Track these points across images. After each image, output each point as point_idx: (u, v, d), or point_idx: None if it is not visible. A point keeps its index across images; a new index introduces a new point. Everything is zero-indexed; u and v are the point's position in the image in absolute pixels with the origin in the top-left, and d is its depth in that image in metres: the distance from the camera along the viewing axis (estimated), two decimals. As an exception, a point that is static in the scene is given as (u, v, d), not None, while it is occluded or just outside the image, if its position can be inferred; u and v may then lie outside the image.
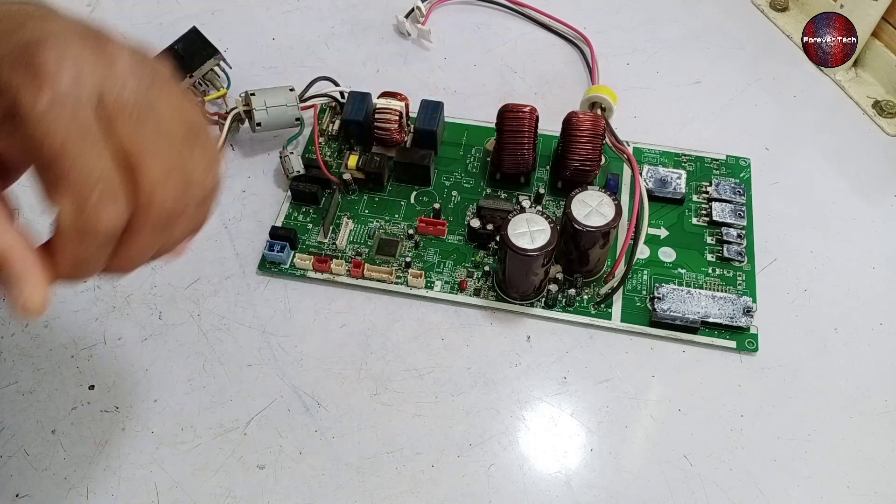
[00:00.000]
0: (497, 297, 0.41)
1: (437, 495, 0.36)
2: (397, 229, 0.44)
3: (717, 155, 0.47)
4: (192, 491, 0.36)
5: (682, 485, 0.36)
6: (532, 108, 0.43)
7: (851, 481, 0.36)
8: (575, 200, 0.39)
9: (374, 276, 0.42)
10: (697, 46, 0.55)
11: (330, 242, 0.44)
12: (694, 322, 0.39)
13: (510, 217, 0.38)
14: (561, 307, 0.41)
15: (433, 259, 0.43)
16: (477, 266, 0.43)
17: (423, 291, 0.42)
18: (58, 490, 0.36)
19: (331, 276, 0.42)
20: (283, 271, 0.43)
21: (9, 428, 0.38)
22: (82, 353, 0.40)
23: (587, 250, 0.39)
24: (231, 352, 0.40)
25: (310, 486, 0.36)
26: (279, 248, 0.42)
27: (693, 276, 0.42)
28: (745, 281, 0.42)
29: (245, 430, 0.38)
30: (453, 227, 0.44)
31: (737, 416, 0.38)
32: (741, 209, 0.44)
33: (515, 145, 0.43)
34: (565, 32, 0.55)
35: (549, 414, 0.38)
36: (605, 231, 0.38)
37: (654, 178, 0.45)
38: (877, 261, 0.43)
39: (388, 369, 0.39)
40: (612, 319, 0.40)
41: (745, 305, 0.39)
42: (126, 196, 0.22)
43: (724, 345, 0.39)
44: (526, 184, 0.46)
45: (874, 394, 0.38)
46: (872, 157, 0.48)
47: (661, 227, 0.44)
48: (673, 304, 0.39)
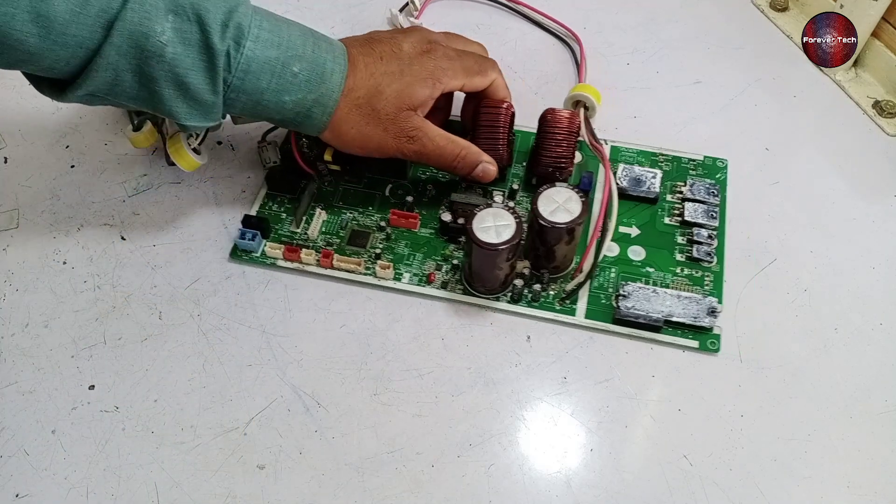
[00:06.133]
0: (464, 291, 0.42)
1: (437, 495, 0.36)
2: (370, 221, 0.45)
3: (694, 155, 0.47)
4: (192, 491, 0.36)
5: (682, 485, 0.36)
6: (508, 104, 0.43)
7: (851, 481, 0.36)
8: (542, 196, 0.39)
9: (342, 267, 0.42)
10: (697, 46, 0.55)
11: (302, 232, 0.44)
12: (657, 321, 0.39)
13: (476, 211, 0.39)
14: (526, 302, 0.41)
15: (403, 251, 0.43)
16: (446, 259, 0.43)
17: (392, 283, 0.42)
18: (58, 490, 0.36)
19: (300, 265, 0.43)
20: (254, 259, 0.43)
21: (9, 428, 0.38)
22: (82, 353, 0.40)
23: (553, 246, 0.40)
24: (231, 352, 0.40)
25: (310, 486, 0.36)
26: (250, 236, 0.43)
27: (661, 275, 0.42)
28: (712, 282, 0.42)
29: (245, 430, 0.38)
30: (426, 221, 0.45)
31: (737, 416, 0.38)
32: (714, 210, 0.44)
33: (490, 140, 0.43)
34: (557, 31, 0.55)
35: (549, 414, 0.38)
36: (570, 228, 0.38)
37: (629, 176, 0.45)
38: (877, 261, 0.43)
39: (388, 369, 0.39)
40: (577, 316, 0.41)
41: (710, 306, 0.39)
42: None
43: (686, 344, 0.39)
44: (501, 179, 0.46)
45: (874, 394, 0.38)
46: (872, 157, 0.48)
47: (632, 225, 0.44)
48: (637, 303, 0.39)
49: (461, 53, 0.42)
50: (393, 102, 0.39)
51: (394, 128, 0.40)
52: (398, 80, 0.39)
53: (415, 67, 0.40)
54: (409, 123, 0.40)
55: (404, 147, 0.40)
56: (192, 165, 0.43)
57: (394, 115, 0.39)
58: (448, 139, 0.41)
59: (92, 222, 0.46)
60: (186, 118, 0.36)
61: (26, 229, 0.45)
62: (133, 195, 0.47)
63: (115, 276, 0.43)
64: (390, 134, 0.40)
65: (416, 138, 0.40)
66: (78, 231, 0.45)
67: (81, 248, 0.44)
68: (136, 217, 0.46)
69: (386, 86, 0.39)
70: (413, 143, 0.40)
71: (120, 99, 0.36)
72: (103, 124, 0.50)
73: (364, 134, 0.40)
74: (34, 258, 0.44)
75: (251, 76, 0.36)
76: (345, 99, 0.39)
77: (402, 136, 0.40)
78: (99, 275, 0.43)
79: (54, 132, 0.50)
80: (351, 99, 0.39)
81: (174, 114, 0.36)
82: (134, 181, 0.47)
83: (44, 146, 0.50)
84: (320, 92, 0.38)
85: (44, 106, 0.52)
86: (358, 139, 0.40)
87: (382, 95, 0.39)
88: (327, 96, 0.38)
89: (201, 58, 0.35)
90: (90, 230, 0.45)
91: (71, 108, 0.52)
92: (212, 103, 0.36)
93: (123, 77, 0.34)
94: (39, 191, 0.47)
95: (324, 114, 0.39)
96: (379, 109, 0.39)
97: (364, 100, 0.39)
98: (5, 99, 0.52)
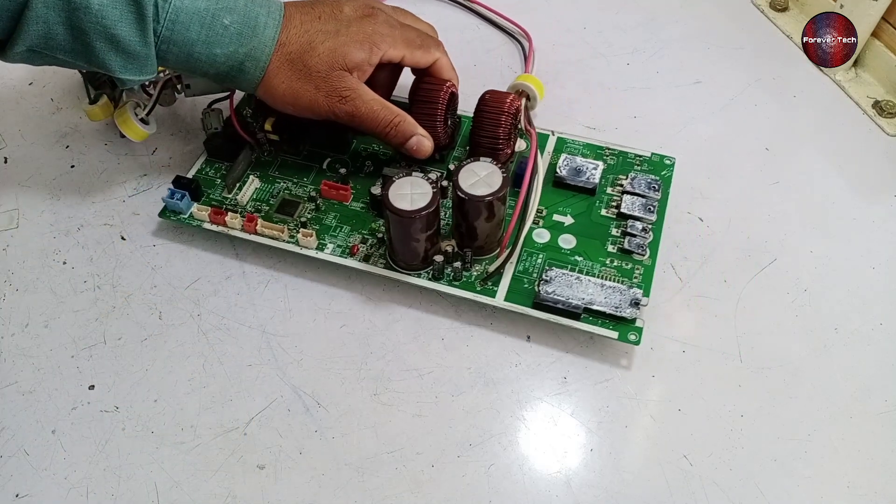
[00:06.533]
0: (386, 266, 0.41)
1: (437, 495, 0.36)
2: (302, 192, 0.45)
3: (641, 152, 0.46)
4: (192, 491, 0.36)
5: (682, 485, 0.36)
6: (450, 83, 0.43)
7: (851, 481, 0.36)
8: (464, 169, 0.39)
9: (266, 233, 0.43)
10: (697, 46, 0.55)
11: (233, 197, 0.45)
12: (576, 307, 0.39)
13: (395, 178, 0.39)
14: (447, 281, 0.41)
15: (331, 223, 0.44)
16: (373, 234, 0.43)
17: (314, 252, 0.42)
18: (58, 490, 0.36)
19: (225, 228, 0.43)
20: (182, 221, 0.44)
21: (9, 428, 0.38)
22: (82, 353, 0.40)
23: (473, 222, 0.39)
24: (231, 352, 0.40)
25: (310, 486, 0.36)
26: (179, 196, 0.43)
27: (589, 264, 0.41)
28: (641, 275, 0.41)
29: (245, 430, 0.38)
30: (360, 195, 0.45)
31: (737, 416, 0.38)
32: (653, 204, 0.43)
33: (428, 116, 0.43)
34: (510, 29, 0.56)
35: (549, 414, 0.38)
36: (488, 202, 0.38)
37: (570, 166, 0.45)
38: (877, 261, 0.43)
39: (388, 369, 0.39)
40: (497, 298, 0.40)
41: (634, 297, 0.39)
42: None
43: (605, 334, 0.39)
44: (441, 160, 0.46)
45: (874, 394, 0.38)
46: (872, 156, 0.48)
47: (567, 214, 0.44)
48: (558, 288, 0.39)
49: (405, 26, 0.43)
50: (325, 60, 0.39)
51: (326, 86, 0.40)
52: (333, 39, 0.40)
53: (352, 29, 0.40)
54: (343, 83, 0.40)
55: (336, 107, 0.40)
56: (139, 135, 0.44)
57: (326, 73, 0.39)
58: (383, 105, 0.41)
59: (92, 222, 0.46)
60: (121, 71, 0.37)
61: (26, 229, 0.45)
62: (133, 195, 0.47)
63: (116, 276, 0.43)
64: (322, 92, 0.40)
65: (349, 99, 0.40)
66: (78, 231, 0.45)
67: (81, 248, 0.44)
68: (136, 217, 0.46)
69: (319, 43, 0.39)
70: (345, 103, 0.40)
71: (58, 54, 0.36)
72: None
73: (295, 90, 0.40)
74: (34, 258, 0.44)
75: (180, 26, 0.36)
76: (277, 53, 0.39)
77: (335, 95, 0.40)
78: (99, 275, 0.43)
79: (54, 132, 0.50)
80: (283, 53, 0.39)
81: (108, 67, 0.36)
82: (134, 181, 0.48)
83: (44, 146, 0.50)
84: (252, 45, 0.38)
85: (44, 106, 0.52)
86: (289, 95, 0.40)
87: (315, 52, 0.39)
88: (259, 50, 0.39)
89: (129, 8, 0.35)
90: (90, 230, 0.45)
91: (71, 109, 0.52)
92: (144, 55, 0.37)
93: (55, 30, 0.35)
94: (39, 191, 0.47)
95: (256, 68, 0.39)
96: (311, 66, 0.39)
97: (296, 55, 0.39)
98: (5, 99, 0.53)
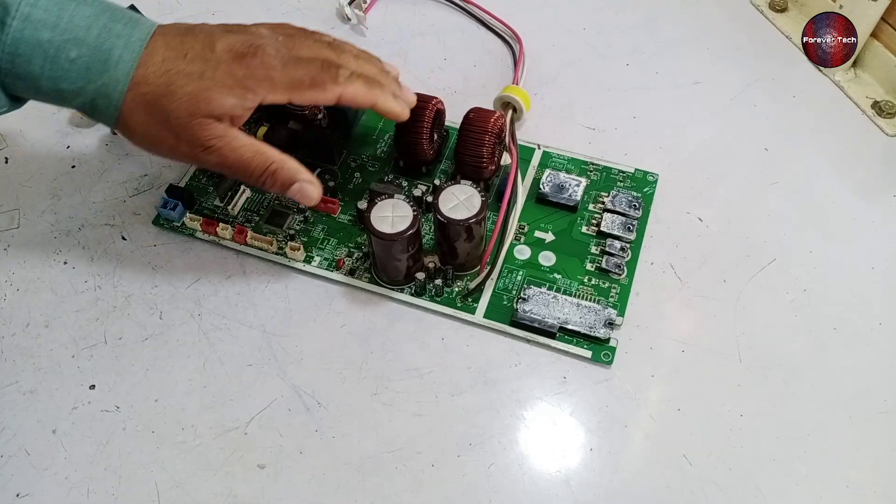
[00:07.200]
0: (370, 280, 0.42)
1: (437, 495, 0.36)
2: (292, 202, 0.45)
3: (626, 167, 0.47)
4: (192, 491, 0.36)
5: (681, 485, 0.36)
6: (437, 99, 0.43)
7: (851, 481, 0.36)
8: (445, 192, 0.40)
9: (255, 244, 0.43)
10: (697, 46, 0.55)
11: (224, 207, 0.45)
12: (552, 326, 0.39)
13: (378, 201, 0.39)
14: (429, 296, 0.41)
15: (319, 235, 0.44)
16: (359, 247, 0.43)
17: (301, 265, 0.43)
18: (58, 490, 0.36)
19: (217, 238, 0.44)
20: (175, 229, 0.44)
21: (9, 428, 0.38)
22: (83, 352, 0.40)
23: (454, 243, 0.40)
24: (231, 351, 0.40)
25: (310, 485, 0.36)
26: (172, 205, 0.44)
27: (567, 282, 0.42)
28: (618, 294, 0.41)
29: (246, 429, 0.38)
30: (347, 208, 0.45)
31: (736, 415, 0.38)
32: (632, 223, 0.43)
33: (412, 135, 0.43)
34: (503, 32, 0.55)
35: (548, 414, 0.38)
36: (467, 226, 0.39)
37: (553, 182, 0.45)
38: (876, 261, 0.43)
39: (388, 369, 0.40)
40: (476, 315, 0.41)
41: (609, 317, 0.39)
42: None
43: (580, 353, 0.39)
44: (427, 174, 0.46)
45: (874, 394, 0.38)
46: (872, 157, 0.48)
47: (548, 231, 0.44)
48: (535, 307, 0.40)
49: (297, 62, 0.37)
50: (185, 106, 0.35)
51: (187, 134, 0.36)
52: (195, 83, 0.35)
53: (219, 72, 0.35)
54: (205, 132, 0.36)
55: (200, 157, 0.36)
56: None
57: (185, 122, 0.35)
58: (256, 151, 0.37)
59: (92, 222, 0.46)
60: None
61: (27, 229, 0.45)
62: (134, 195, 0.47)
63: (116, 276, 0.43)
64: (183, 141, 0.36)
65: (214, 148, 0.36)
66: (79, 231, 0.45)
67: (82, 248, 0.45)
68: (137, 217, 0.46)
69: (179, 87, 0.35)
70: (210, 153, 0.36)
71: None
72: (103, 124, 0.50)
73: (153, 135, 0.36)
74: (35, 258, 0.44)
75: (21, 59, 0.33)
76: (131, 92, 0.35)
77: (197, 144, 0.36)
78: (100, 275, 0.43)
79: (55, 132, 0.50)
80: (137, 93, 0.35)
81: None
82: (134, 181, 0.48)
83: (44, 146, 0.50)
84: (102, 81, 0.34)
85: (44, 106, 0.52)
86: (147, 139, 0.37)
87: (174, 96, 0.35)
88: (111, 87, 0.35)
89: None
90: (91, 230, 0.45)
91: (72, 109, 0.52)
92: None
93: None
94: (40, 191, 0.47)
95: (109, 106, 0.35)
96: (170, 111, 0.35)
97: (153, 97, 0.35)
98: (6, 99, 0.53)
